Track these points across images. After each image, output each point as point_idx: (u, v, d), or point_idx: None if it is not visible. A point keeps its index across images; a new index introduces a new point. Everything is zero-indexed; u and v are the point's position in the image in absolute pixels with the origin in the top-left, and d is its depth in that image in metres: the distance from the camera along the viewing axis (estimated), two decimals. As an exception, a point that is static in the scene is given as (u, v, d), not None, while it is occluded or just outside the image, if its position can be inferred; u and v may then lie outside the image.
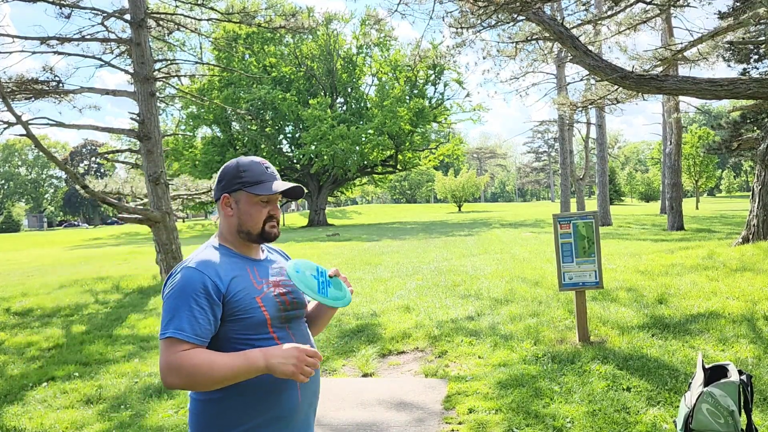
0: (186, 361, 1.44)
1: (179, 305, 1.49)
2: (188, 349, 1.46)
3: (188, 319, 1.47)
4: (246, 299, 1.56)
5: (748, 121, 17.91)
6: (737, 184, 78.22)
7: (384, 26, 29.77)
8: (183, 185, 12.10)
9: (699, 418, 2.36)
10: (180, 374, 1.44)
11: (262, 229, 1.66)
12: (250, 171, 1.65)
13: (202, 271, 1.53)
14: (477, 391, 4.06)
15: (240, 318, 1.55)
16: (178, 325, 1.47)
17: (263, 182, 1.65)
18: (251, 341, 1.55)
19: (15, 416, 4.15)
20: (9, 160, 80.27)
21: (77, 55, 10.56)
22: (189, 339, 1.46)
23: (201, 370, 1.44)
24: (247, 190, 1.64)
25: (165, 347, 1.47)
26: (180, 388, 1.48)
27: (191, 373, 1.44)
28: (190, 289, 1.50)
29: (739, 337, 4.74)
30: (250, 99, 32.85)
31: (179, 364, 1.44)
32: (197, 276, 1.52)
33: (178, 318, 1.47)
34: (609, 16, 8.93)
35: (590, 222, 4.93)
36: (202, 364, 1.44)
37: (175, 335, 1.46)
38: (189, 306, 1.48)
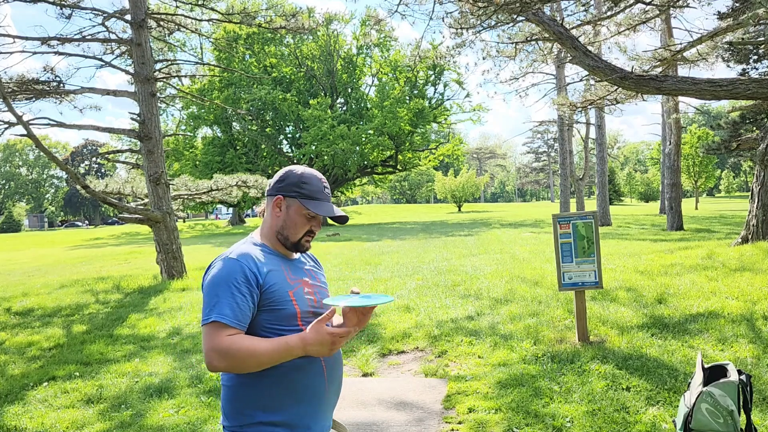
0: (231, 345, 1.52)
1: (221, 292, 1.57)
2: (232, 334, 1.54)
3: (230, 305, 1.55)
4: (280, 292, 1.64)
5: (747, 121, 17.92)
6: (736, 184, 78.22)
7: (384, 27, 29.75)
8: (183, 185, 12.11)
9: (698, 417, 2.37)
10: (225, 358, 1.52)
11: (298, 240, 1.74)
12: (311, 185, 1.73)
13: (242, 261, 1.62)
14: (477, 391, 4.07)
15: (273, 309, 1.63)
16: (221, 311, 1.54)
17: (318, 200, 1.73)
18: (281, 332, 1.63)
19: (16, 416, 4.16)
20: (10, 160, 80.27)
21: (78, 55, 10.57)
22: (232, 324, 1.54)
23: (245, 354, 1.52)
24: (302, 201, 1.71)
25: (209, 332, 1.54)
26: (224, 371, 1.56)
27: (236, 356, 1.52)
28: (231, 277, 1.58)
29: (738, 336, 4.75)
30: (251, 99, 32.87)
31: (225, 348, 1.52)
32: (237, 265, 1.61)
33: (220, 304, 1.55)
34: (608, 16, 8.93)
35: (590, 222, 4.95)
36: (246, 348, 1.53)
37: (219, 319, 1.53)
38: (231, 293, 1.57)
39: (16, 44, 9.86)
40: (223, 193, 12.21)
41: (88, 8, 10.07)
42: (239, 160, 34.06)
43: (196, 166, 33.41)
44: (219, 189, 12.03)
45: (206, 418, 3.93)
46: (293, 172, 1.75)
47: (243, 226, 39.05)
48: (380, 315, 6.52)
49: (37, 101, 10.47)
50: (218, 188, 12.03)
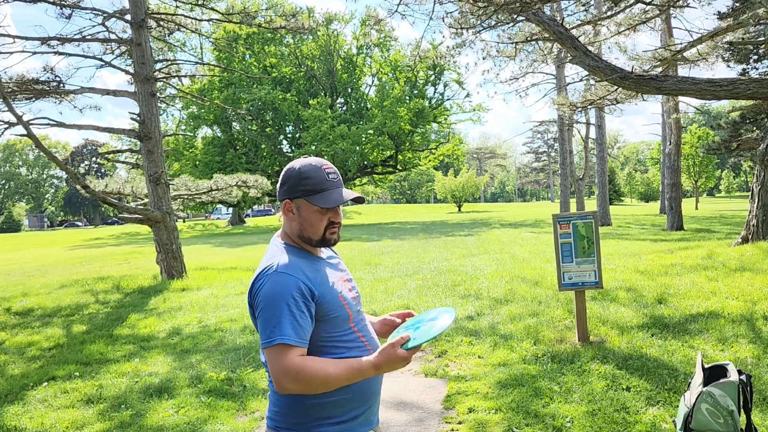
0: (302, 369, 1.49)
1: (280, 312, 1.51)
2: (301, 354, 1.51)
3: (292, 324, 1.50)
4: (332, 298, 1.61)
5: (747, 121, 17.92)
6: (737, 184, 78.22)
7: (384, 27, 29.73)
8: (183, 185, 12.11)
9: (698, 417, 2.37)
10: (298, 381, 1.49)
11: (322, 236, 1.67)
12: (312, 179, 1.63)
13: (293, 275, 1.55)
14: (477, 391, 4.07)
15: (329, 317, 1.60)
16: (283, 332, 1.50)
17: (324, 191, 1.63)
18: (337, 338, 1.61)
19: (15, 416, 4.15)
20: (10, 160, 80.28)
21: (78, 55, 10.58)
22: (297, 344, 1.50)
23: (318, 378, 1.50)
24: (308, 199, 1.63)
25: (276, 354, 1.50)
26: (300, 392, 1.53)
27: (308, 380, 1.50)
28: (287, 293, 1.52)
29: (738, 336, 4.74)
30: (251, 99, 32.87)
31: (296, 371, 1.49)
32: (291, 280, 1.54)
33: (282, 325, 1.50)
34: (608, 16, 8.93)
35: (590, 222, 4.94)
36: (318, 372, 1.50)
37: (284, 341, 1.49)
38: (290, 311, 1.51)
39: (16, 44, 9.86)
40: (223, 193, 12.21)
41: (88, 8, 10.08)
42: (239, 160, 34.06)
43: (196, 166, 33.41)
44: (219, 189, 12.03)
45: (206, 418, 3.92)
46: (293, 170, 1.66)
47: (243, 226, 39.06)
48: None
49: (37, 101, 10.48)
50: (218, 188, 12.03)
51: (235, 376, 4.72)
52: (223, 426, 3.79)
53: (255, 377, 4.69)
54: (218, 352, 5.48)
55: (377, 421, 1.77)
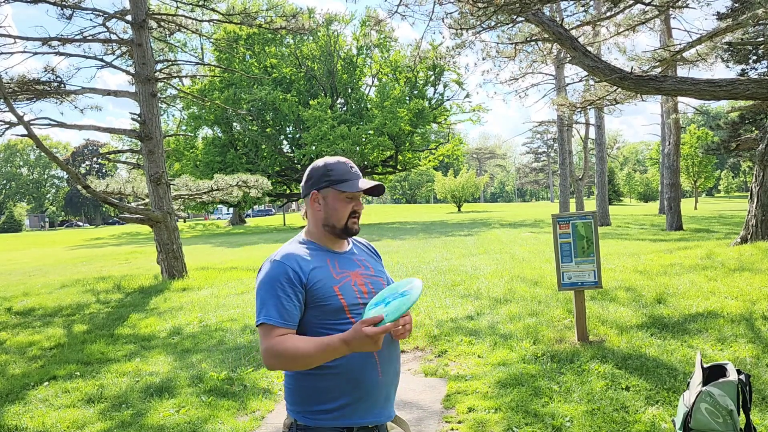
0: (277, 345, 1.63)
1: (267, 295, 1.67)
2: (282, 333, 1.65)
3: (276, 307, 1.65)
4: (324, 288, 1.71)
5: (746, 121, 17.95)
6: (736, 184, 78.22)
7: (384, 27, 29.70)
8: (184, 185, 12.13)
9: (698, 417, 2.38)
10: (275, 357, 1.63)
11: (345, 224, 1.81)
12: (337, 170, 1.80)
13: (285, 263, 1.70)
14: (476, 391, 4.08)
15: (319, 305, 1.71)
16: (267, 313, 1.65)
17: (349, 180, 1.79)
18: (332, 325, 1.70)
19: (16, 415, 4.17)
20: (11, 161, 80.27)
21: (79, 55, 10.60)
22: (278, 324, 1.65)
23: (290, 354, 1.62)
24: (335, 187, 1.78)
25: (261, 333, 1.67)
26: (280, 369, 1.70)
27: (283, 356, 1.63)
28: (275, 279, 1.68)
29: (737, 336, 4.76)
30: (251, 100, 32.88)
31: (273, 348, 1.63)
32: (281, 267, 1.69)
33: (267, 306, 1.66)
34: (608, 17, 8.95)
35: (589, 222, 4.96)
36: (291, 348, 1.63)
37: (266, 321, 1.65)
38: (276, 294, 1.66)
39: (17, 44, 9.88)
40: (223, 193, 12.22)
41: (88, 9, 10.09)
42: (240, 160, 34.07)
43: (197, 167, 33.42)
44: (219, 189, 12.04)
45: (207, 417, 3.94)
46: (317, 166, 1.82)
47: (243, 226, 39.06)
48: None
49: (38, 101, 10.50)
50: (219, 188, 12.05)
51: (236, 375, 4.73)
52: (224, 425, 3.80)
53: (255, 377, 4.71)
54: (219, 352, 5.49)
55: (386, 416, 1.80)
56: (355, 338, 1.57)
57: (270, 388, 4.46)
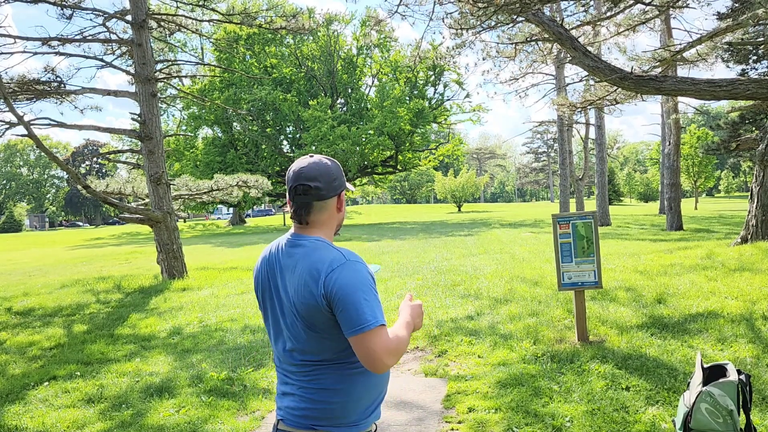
0: (396, 342, 1.63)
1: (370, 296, 1.62)
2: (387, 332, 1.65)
3: (379, 307, 1.64)
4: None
5: (746, 121, 17.94)
6: (736, 184, 78.21)
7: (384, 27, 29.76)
8: (184, 185, 12.13)
9: (698, 417, 2.38)
10: (396, 355, 1.62)
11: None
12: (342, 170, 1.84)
13: (363, 263, 1.70)
14: (476, 391, 4.08)
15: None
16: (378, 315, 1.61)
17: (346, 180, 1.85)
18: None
19: (16, 415, 4.17)
20: (11, 161, 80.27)
21: (79, 55, 10.60)
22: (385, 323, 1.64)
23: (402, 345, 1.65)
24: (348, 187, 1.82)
25: (376, 336, 1.58)
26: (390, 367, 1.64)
27: (399, 350, 1.63)
28: (368, 280, 1.65)
29: (737, 336, 4.76)
30: (251, 100, 32.89)
31: (395, 346, 1.62)
32: (365, 268, 1.68)
33: (374, 308, 1.61)
34: (608, 17, 8.95)
35: (589, 222, 4.96)
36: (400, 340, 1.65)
37: (383, 323, 1.61)
38: (374, 295, 1.65)
39: (17, 44, 9.88)
40: (223, 193, 12.22)
41: (88, 9, 10.09)
42: (240, 160, 34.08)
43: (197, 167, 33.43)
44: (220, 189, 12.05)
45: (207, 417, 3.94)
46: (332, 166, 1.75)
47: (243, 226, 39.06)
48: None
49: (38, 101, 10.50)
50: (219, 188, 12.05)
51: (236, 375, 4.73)
52: (224, 425, 3.80)
53: (255, 377, 4.70)
54: (219, 352, 5.49)
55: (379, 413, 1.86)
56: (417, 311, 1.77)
57: (270, 388, 4.46)
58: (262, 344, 5.64)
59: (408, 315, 1.76)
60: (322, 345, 1.65)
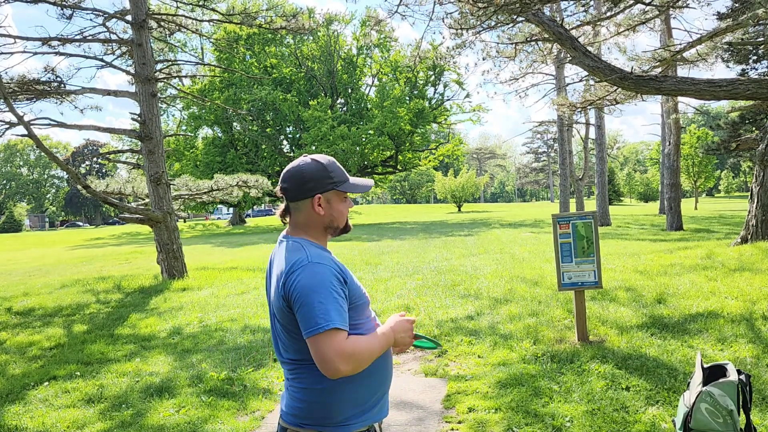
0: (354, 348, 1.58)
1: (325, 298, 1.57)
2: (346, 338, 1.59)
3: (337, 310, 1.58)
4: (356, 286, 1.72)
5: (746, 121, 17.95)
6: (736, 184, 78.21)
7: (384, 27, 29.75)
8: (184, 185, 12.13)
9: (698, 417, 2.38)
10: (351, 361, 1.56)
11: (345, 224, 1.81)
12: (337, 171, 1.76)
13: (327, 264, 1.64)
14: (476, 391, 4.08)
15: (356, 304, 1.71)
16: (333, 318, 1.56)
17: (347, 180, 1.78)
18: (360, 323, 1.71)
19: (16, 415, 4.17)
20: (11, 161, 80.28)
21: (79, 55, 10.60)
22: (345, 328, 1.58)
23: (366, 353, 1.61)
24: (339, 188, 1.75)
25: (328, 339, 1.54)
26: (347, 374, 1.58)
27: (359, 358, 1.58)
28: (328, 282, 1.60)
29: (737, 336, 4.76)
30: (251, 100, 32.89)
31: (350, 352, 1.56)
32: (329, 270, 1.62)
33: (331, 310, 1.57)
34: (608, 17, 8.95)
35: (589, 222, 4.96)
36: (365, 347, 1.61)
37: (338, 326, 1.55)
38: (334, 298, 1.59)
39: (17, 44, 9.88)
40: (223, 193, 12.22)
41: (88, 9, 10.09)
42: (240, 160, 34.09)
43: (197, 166, 33.43)
44: (220, 189, 12.04)
45: (207, 417, 3.94)
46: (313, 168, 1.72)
47: (243, 226, 39.06)
48: (380, 315, 6.53)
49: (38, 101, 10.50)
50: (219, 188, 12.05)
51: (236, 375, 4.73)
52: (224, 425, 3.80)
53: (255, 377, 4.70)
54: (219, 352, 5.49)
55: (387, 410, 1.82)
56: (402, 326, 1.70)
57: (270, 388, 4.46)
58: (262, 344, 5.64)
59: (389, 327, 1.72)
60: (297, 345, 1.66)
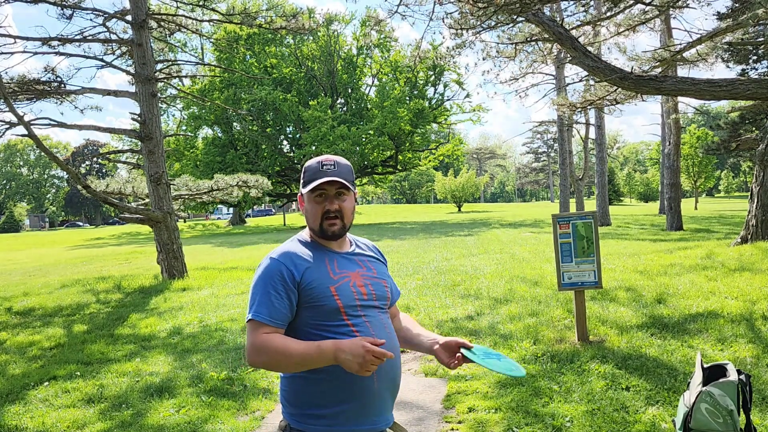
0: (267, 343, 1.61)
1: (258, 291, 1.66)
2: (269, 332, 1.63)
3: (266, 304, 1.63)
4: (319, 288, 1.67)
5: (746, 121, 17.95)
6: (736, 184, 78.20)
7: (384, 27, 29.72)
8: (184, 185, 12.13)
9: (698, 417, 2.38)
10: (260, 354, 1.61)
11: (320, 226, 1.74)
12: (308, 171, 1.74)
13: (280, 260, 1.68)
14: (476, 391, 4.08)
15: (314, 305, 1.67)
16: (257, 310, 1.64)
17: (313, 180, 1.72)
18: (327, 327, 1.67)
19: (16, 415, 4.17)
20: (11, 161, 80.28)
21: (79, 55, 10.60)
22: (266, 321, 1.63)
23: (279, 353, 1.60)
24: (302, 189, 1.76)
25: (249, 330, 1.65)
26: (262, 367, 1.66)
27: (269, 354, 1.60)
28: (268, 276, 1.66)
29: (737, 336, 4.76)
30: (251, 100, 32.88)
31: (261, 345, 1.61)
32: (275, 265, 1.67)
33: (257, 303, 1.65)
34: (608, 17, 8.95)
35: (589, 222, 4.96)
36: (279, 347, 1.60)
37: (255, 318, 1.63)
38: (267, 292, 1.64)
39: (17, 44, 9.88)
40: (223, 193, 12.22)
41: (88, 9, 10.09)
42: (240, 160, 34.08)
43: (197, 166, 33.41)
44: (220, 189, 12.04)
45: (207, 417, 3.94)
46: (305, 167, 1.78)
47: (243, 226, 39.06)
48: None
49: (38, 101, 10.50)
50: (219, 188, 12.05)
51: (236, 375, 4.73)
52: (224, 425, 3.80)
53: (255, 377, 4.70)
54: (219, 352, 5.49)
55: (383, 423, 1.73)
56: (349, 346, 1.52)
57: (270, 388, 4.46)
58: (262, 344, 5.63)
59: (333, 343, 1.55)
60: None
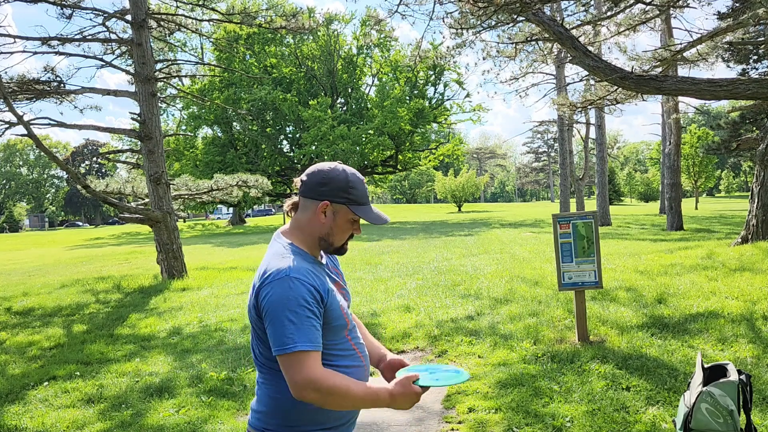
0: (326, 381, 1.47)
1: (297, 317, 1.48)
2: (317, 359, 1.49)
3: (309, 330, 1.48)
4: (335, 307, 1.59)
5: (747, 121, 17.95)
6: (736, 184, 78.20)
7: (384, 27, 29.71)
8: (184, 185, 12.12)
9: (698, 417, 2.37)
10: (320, 391, 1.46)
11: (342, 245, 1.67)
12: (358, 190, 1.62)
13: (306, 280, 1.52)
14: (477, 391, 4.08)
15: (332, 326, 1.58)
16: (302, 338, 1.46)
17: (366, 204, 1.64)
18: (333, 345, 1.60)
19: (16, 415, 4.16)
20: (10, 160, 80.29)
21: (78, 55, 10.59)
22: (316, 349, 1.48)
23: (339, 394, 1.48)
24: (351, 208, 1.62)
25: (296, 361, 1.46)
26: (313, 403, 1.50)
27: (329, 392, 1.47)
28: (300, 298, 1.49)
29: (738, 336, 4.75)
30: (251, 99, 32.88)
31: (319, 381, 1.46)
32: (303, 286, 1.50)
33: (299, 330, 1.47)
34: (608, 16, 8.94)
35: (590, 222, 4.95)
36: (341, 388, 1.48)
37: (306, 348, 1.46)
38: (307, 316, 1.48)
39: (16, 44, 9.87)
40: (223, 193, 12.22)
41: (88, 8, 10.09)
42: (240, 160, 34.08)
43: (197, 166, 33.42)
44: (219, 189, 12.04)
45: (206, 417, 3.93)
46: (338, 176, 1.61)
47: (243, 226, 39.06)
48: (380, 315, 6.53)
49: (37, 101, 10.50)
50: (219, 188, 12.04)
51: (236, 375, 4.73)
52: (224, 425, 3.79)
53: (255, 377, 4.69)
54: (218, 352, 5.49)
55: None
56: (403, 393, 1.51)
57: (270, 388, 4.45)
58: (262, 344, 5.63)
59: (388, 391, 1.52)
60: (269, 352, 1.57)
